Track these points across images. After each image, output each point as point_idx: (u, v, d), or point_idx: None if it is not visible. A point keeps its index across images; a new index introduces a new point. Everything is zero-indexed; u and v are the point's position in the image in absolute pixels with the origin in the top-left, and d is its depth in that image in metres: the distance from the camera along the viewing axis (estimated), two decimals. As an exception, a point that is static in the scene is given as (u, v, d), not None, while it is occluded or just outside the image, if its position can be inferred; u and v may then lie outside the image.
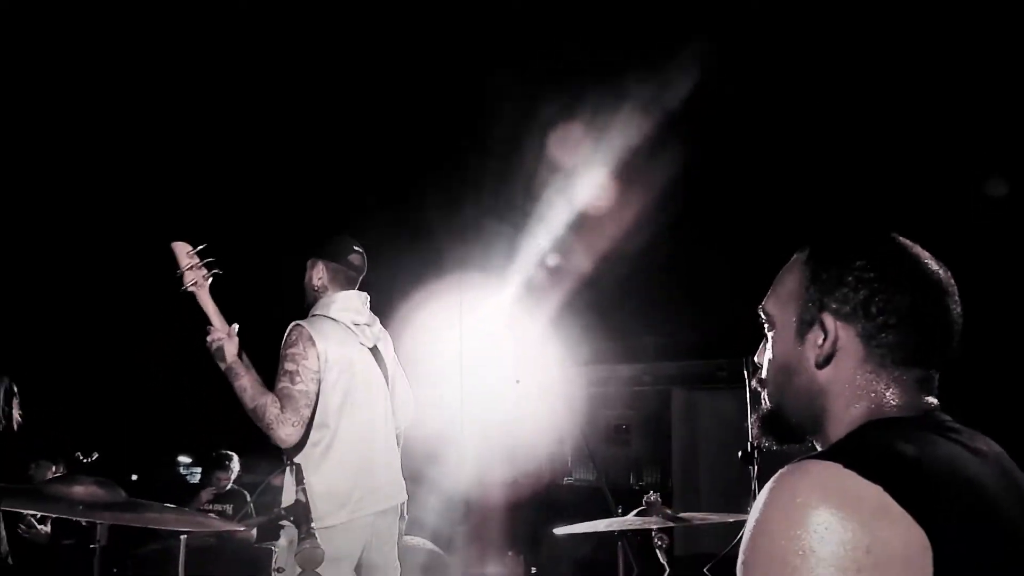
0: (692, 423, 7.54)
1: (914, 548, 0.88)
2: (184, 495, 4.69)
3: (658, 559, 2.59)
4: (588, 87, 5.27)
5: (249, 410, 2.65)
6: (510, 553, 5.44)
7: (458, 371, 6.21)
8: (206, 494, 4.76)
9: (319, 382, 2.74)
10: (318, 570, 2.13)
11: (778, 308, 1.16)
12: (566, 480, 7.90)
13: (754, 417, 1.19)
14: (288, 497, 2.17)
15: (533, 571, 5.43)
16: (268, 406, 2.62)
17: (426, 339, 5.72)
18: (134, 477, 6.20)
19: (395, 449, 3.00)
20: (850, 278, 1.08)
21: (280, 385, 2.67)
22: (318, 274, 2.94)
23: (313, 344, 2.74)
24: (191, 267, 2.75)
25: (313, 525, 2.59)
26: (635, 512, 2.60)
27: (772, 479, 0.95)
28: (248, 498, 4.78)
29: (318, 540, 1.89)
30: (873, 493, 0.90)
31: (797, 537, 0.90)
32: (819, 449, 1.08)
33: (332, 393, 2.76)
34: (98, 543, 1.41)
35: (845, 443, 1.02)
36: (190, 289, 2.76)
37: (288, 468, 2.07)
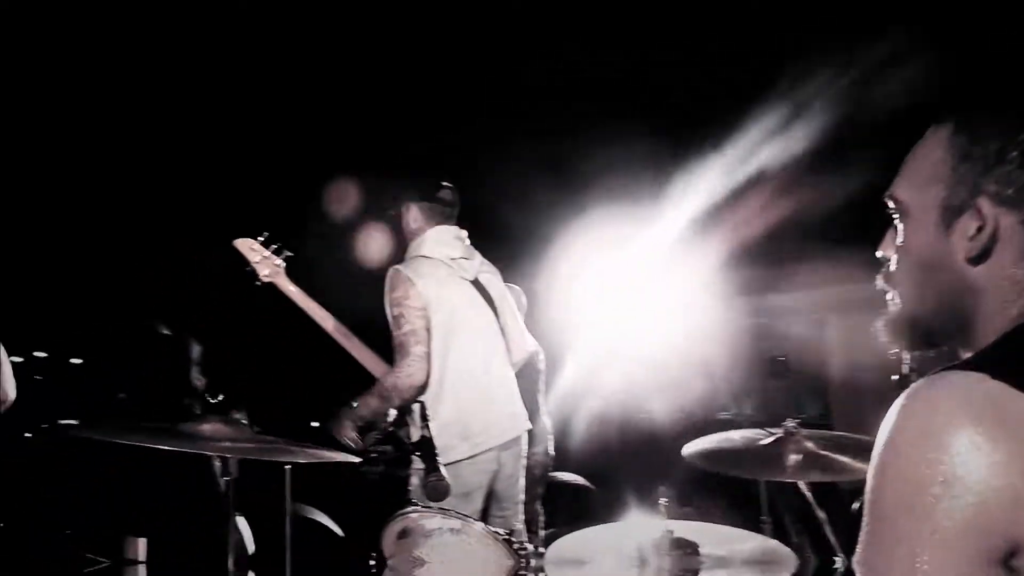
0: (851, 352, 7.13)
1: None
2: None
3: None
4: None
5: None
6: (661, 487, 5.42)
7: (609, 305, 6.19)
8: (369, 438, 5.06)
9: (427, 318, 2.78)
10: (450, 504, 2.22)
11: (914, 193, 0.99)
12: (720, 415, 7.74)
13: (881, 320, 1.03)
14: (414, 434, 2.26)
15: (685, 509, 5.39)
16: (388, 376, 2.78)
17: (577, 272, 5.75)
18: (315, 424, 6.71)
19: (511, 381, 2.99)
20: (1015, 154, 0.91)
21: (396, 334, 2.77)
22: (413, 216, 2.95)
23: (412, 283, 2.78)
24: (261, 260, 2.84)
25: (452, 460, 2.73)
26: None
27: (904, 394, 0.82)
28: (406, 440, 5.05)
29: (443, 473, 1.94)
30: None
31: (937, 462, 0.77)
32: (963, 357, 0.93)
33: (437, 329, 2.80)
34: (231, 476, 1.51)
35: (996, 349, 0.88)
36: (267, 280, 2.86)
37: (415, 407, 2.15)
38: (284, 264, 2.89)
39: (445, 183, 3.02)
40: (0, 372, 2.89)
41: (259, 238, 2.87)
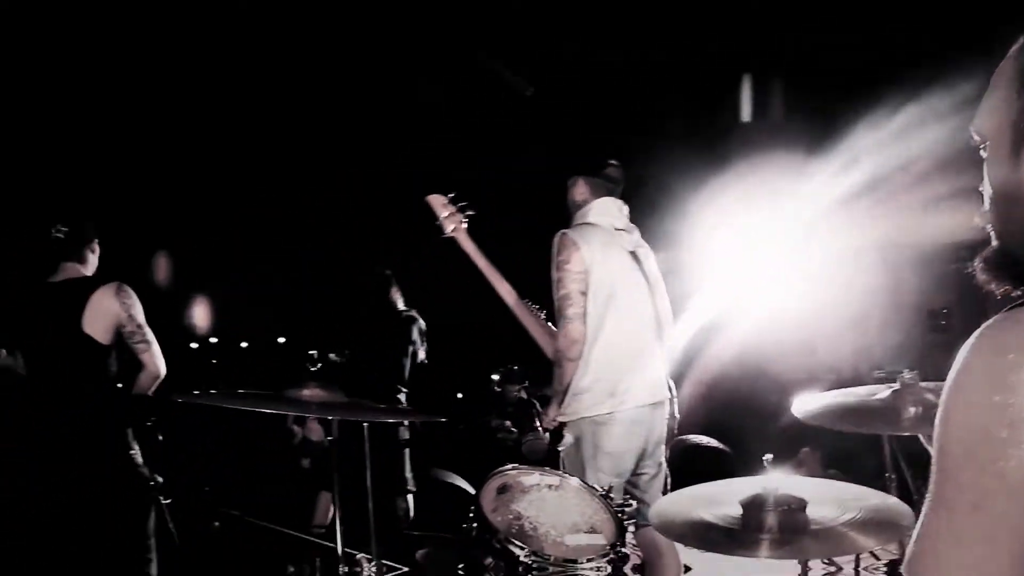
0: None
1: None
2: (493, 407, 5.24)
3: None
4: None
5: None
6: (806, 449, 5.23)
7: (757, 261, 6.02)
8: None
9: (585, 281, 2.93)
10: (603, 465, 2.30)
11: (989, 122, 0.94)
12: (875, 374, 7.31)
13: (978, 259, 0.96)
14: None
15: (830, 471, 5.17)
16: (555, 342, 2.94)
17: (724, 228, 5.63)
18: (459, 395, 7.03)
19: (659, 350, 3.10)
20: None
21: (555, 298, 2.96)
22: (580, 190, 3.12)
23: (576, 247, 2.94)
24: (448, 215, 3.07)
25: (586, 415, 2.86)
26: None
27: (974, 334, 0.79)
28: (538, 406, 5.20)
29: (541, 434, 2.02)
30: None
31: (1003, 404, 0.74)
32: None
33: (597, 290, 2.94)
34: (333, 437, 1.66)
35: None
36: (450, 235, 3.09)
37: (509, 370, 2.24)
38: (466, 222, 3.11)
39: (612, 160, 3.20)
40: (151, 350, 3.23)
41: (450, 195, 3.11)
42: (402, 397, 4.15)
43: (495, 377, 5.33)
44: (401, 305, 4.31)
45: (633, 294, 3.04)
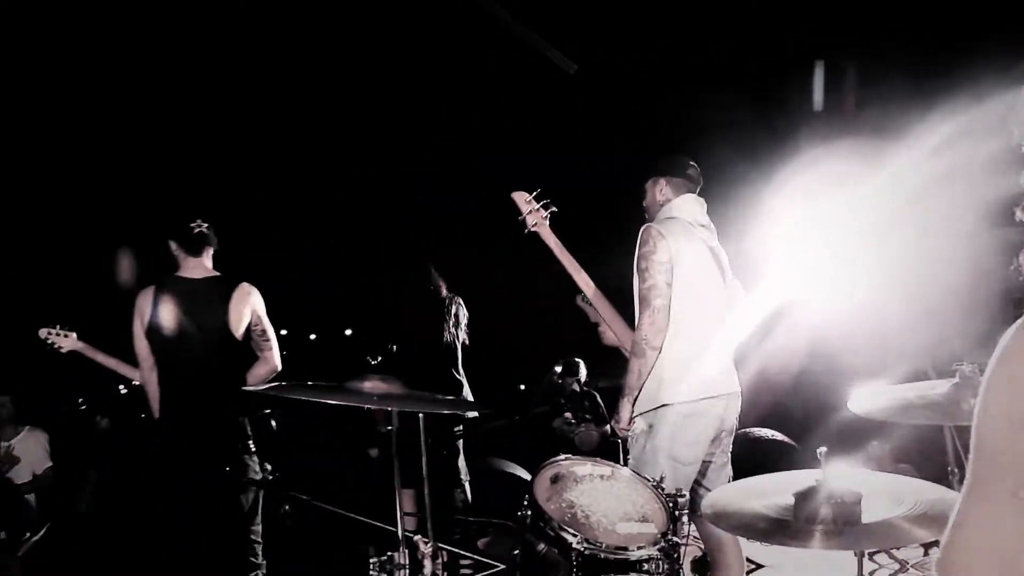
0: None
1: None
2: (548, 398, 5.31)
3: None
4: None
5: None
6: (875, 443, 5.11)
7: (826, 250, 5.90)
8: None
9: (670, 272, 3.00)
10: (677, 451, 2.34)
11: None
12: (955, 366, 7.02)
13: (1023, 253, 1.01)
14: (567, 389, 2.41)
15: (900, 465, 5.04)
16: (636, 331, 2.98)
17: (795, 220, 5.54)
18: (522, 387, 7.11)
19: (731, 344, 3.16)
20: None
21: (637, 288, 3.02)
22: (661, 190, 3.21)
23: (663, 237, 3.01)
24: (531, 211, 3.21)
25: (667, 403, 2.91)
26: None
27: (1015, 324, 0.83)
28: (598, 398, 5.23)
29: (594, 426, 2.07)
30: None
31: None
32: None
33: (680, 282, 3.01)
34: (393, 427, 1.76)
35: None
36: (533, 230, 3.21)
37: (563, 361, 2.30)
38: (549, 218, 3.24)
39: (691, 162, 3.31)
40: (273, 346, 3.50)
41: (533, 193, 3.26)
42: (463, 381, 4.28)
43: (557, 369, 5.41)
44: (444, 292, 4.40)
45: (712, 288, 3.12)
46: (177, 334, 3.36)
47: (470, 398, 4.11)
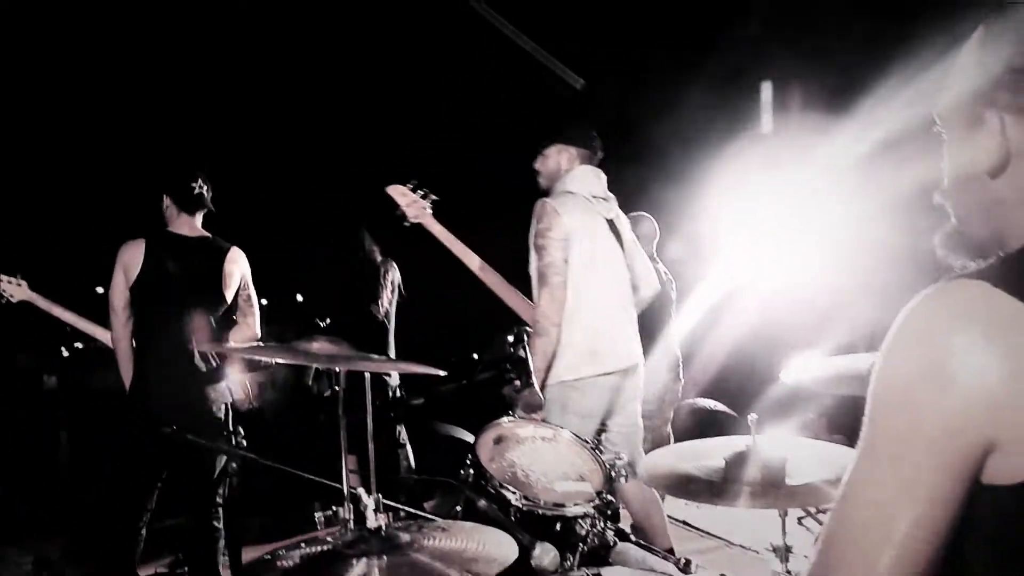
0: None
1: None
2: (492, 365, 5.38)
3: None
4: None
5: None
6: (811, 416, 5.33)
7: (770, 226, 6.04)
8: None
9: (567, 249, 2.97)
10: (570, 424, 2.42)
11: (948, 108, 0.98)
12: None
13: (937, 235, 1.04)
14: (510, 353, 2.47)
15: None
16: (535, 309, 2.94)
17: (741, 195, 5.65)
18: (475, 356, 7.18)
19: (633, 316, 3.19)
20: None
21: (535, 266, 2.97)
22: (564, 159, 3.16)
23: (558, 214, 2.97)
24: (410, 203, 3.13)
25: (576, 377, 2.96)
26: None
27: (911, 301, 0.86)
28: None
29: (537, 390, 2.14)
30: None
31: (931, 364, 0.81)
32: None
33: (576, 258, 3.00)
34: (341, 387, 1.80)
35: (1005, 259, 0.90)
36: (415, 221, 3.14)
37: (515, 330, 2.36)
38: (431, 206, 3.19)
39: (593, 131, 3.26)
40: (255, 312, 3.45)
41: (409, 184, 3.18)
42: (391, 353, 4.31)
43: (509, 338, 5.47)
44: (378, 257, 4.40)
45: (611, 262, 3.11)
46: (170, 293, 3.25)
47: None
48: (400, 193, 3.16)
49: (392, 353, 4.26)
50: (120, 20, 5.40)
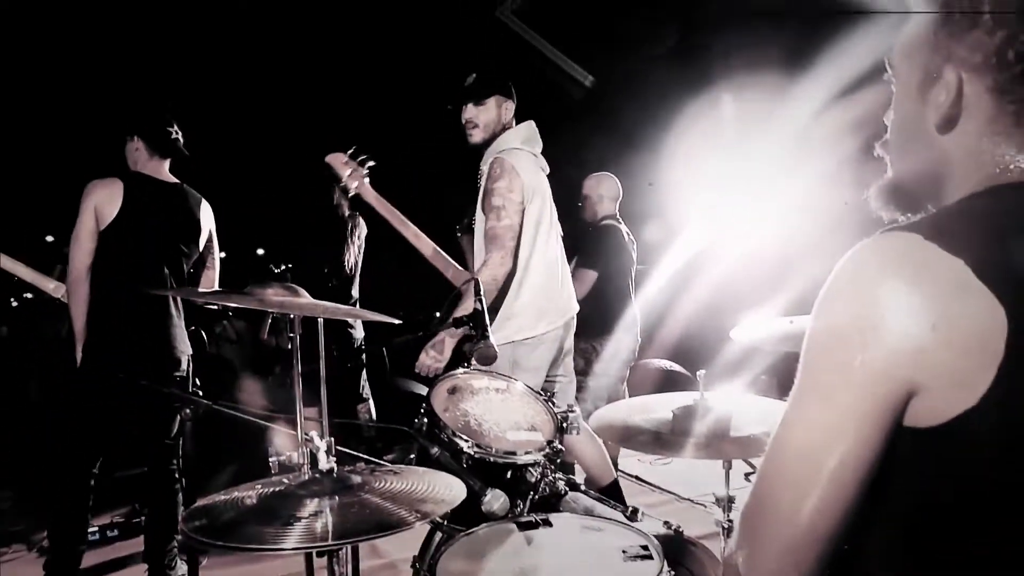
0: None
1: (988, 327, 0.80)
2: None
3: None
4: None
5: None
6: (761, 375, 5.47)
7: (730, 190, 6.09)
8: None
9: (522, 211, 2.95)
10: (523, 377, 2.46)
11: (902, 58, 0.99)
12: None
13: (873, 187, 1.06)
14: (467, 307, 2.49)
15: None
16: (484, 265, 2.88)
17: (695, 158, 5.69)
18: (437, 314, 7.23)
19: (567, 268, 3.23)
20: (986, 18, 0.88)
21: (488, 224, 2.91)
22: (504, 110, 3.09)
23: (518, 175, 2.92)
24: (350, 172, 3.03)
25: (527, 336, 2.98)
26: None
27: (851, 250, 0.89)
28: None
29: (492, 341, 2.17)
30: (952, 266, 0.81)
31: (860, 311, 0.84)
32: None
33: (530, 218, 2.99)
34: (297, 334, 1.81)
35: (938, 213, 0.93)
36: (355, 192, 3.06)
37: (468, 282, 2.37)
38: (368, 174, 3.12)
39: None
40: (216, 263, 3.44)
41: (348, 152, 3.09)
42: (356, 300, 4.32)
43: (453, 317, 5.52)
44: (346, 211, 4.37)
45: (553, 218, 3.13)
46: (150, 237, 3.17)
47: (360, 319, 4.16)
48: (341, 162, 3.07)
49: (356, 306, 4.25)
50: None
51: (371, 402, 4.40)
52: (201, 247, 3.38)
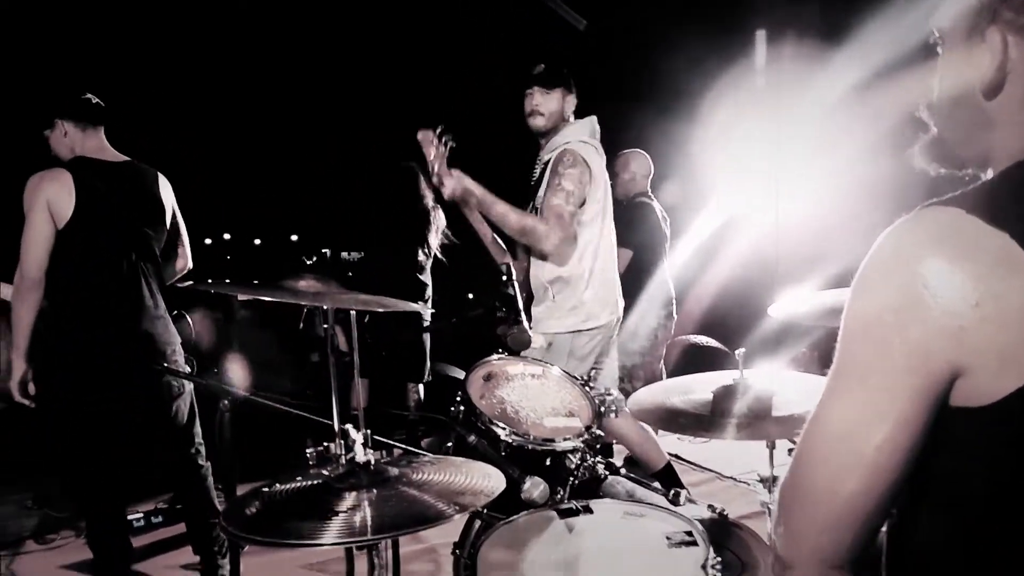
0: None
1: None
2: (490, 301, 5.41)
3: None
4: None
5: (516, 229, 2.91)
6: (802, 350, 5.37)
7: (766, 163, 5.99)
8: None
9: (584, 203, 2.98)
10: (570, 366, 2.43)
11: (948, 21, 0.95)
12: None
13: (917, 145, 1.02)
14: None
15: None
16: (536, 224, 2.89)
17: (738, 131, 5.60)
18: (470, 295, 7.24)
19: (616, 257, 3.24)
20: None
21: (555, 202, 2.91)
22: (568, 104, 3.13)
23: (588, 167, 2.97)
24: (436, 155, 2.93)
25: (593, 326, 2.98)
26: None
27: (889, 227, 0.86)
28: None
29: (526, 326, 2.14)
30: (996, 241, 0.78)
31: (899, 290, 0.81)
32: None
33: (598, 210, 3.04)
34: (330, 324, 1.80)
35: (981, 186, 0.88)
36: (437, 167, 2.93)
37: (503, 267, 2.35)
38: (446, 153, 3.02)
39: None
40: (186, 242, 3.25)
41: (437, 130, 2.96)
42: (428, 292, 4.28)
43: (504, 278, 5.49)
44: (430, 201, 4.27)
45: (611, 211, 3.17)
46: (114, 226, 2.92)
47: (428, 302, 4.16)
48: (428, 139, 2.94)
49: (429, 294, 4.27)
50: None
51: (422, 386, 4.39)
52: (168, 227, 3.12)
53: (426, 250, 4.27)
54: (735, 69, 5.82)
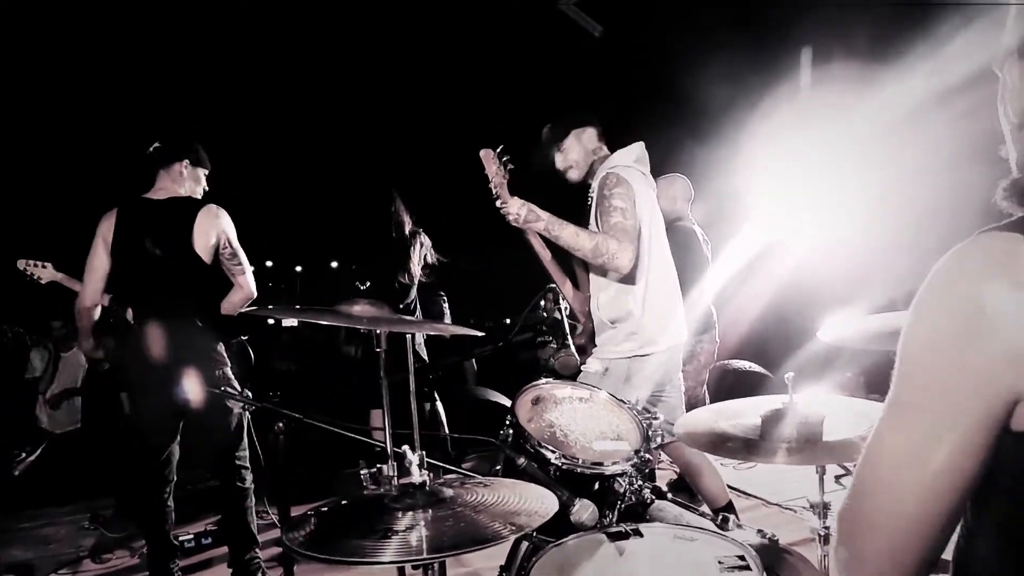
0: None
1: None
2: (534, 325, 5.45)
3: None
4: None
5: (589, 249, 2.88)
6: (849, 375, 5.30)
7: (808, 185, 5.95)
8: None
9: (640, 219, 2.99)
10: (622, 391, 2.44)
11: (1003, 56, 0.96)
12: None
13: (1000, 187, 0.98)
14: (547, 316, 2.49)
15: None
16: (607, 241, 2.86)
17: (779, 152, 5.57)
18: (507, 321, 7.28)
19: (678, 287, 3.22)
20: None
21: (613, 220, 2.90)
22: (586, 137, 3.13)
23: (631, 187, 2.97)
24: (495, 170, 2.99)
25: (649, 352, 2.97)
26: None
27: (948, 252, 0.86)
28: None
29: (572, 351, 2.16)
30: None
31: (958, 318, 0.81)
32: None
33: (649, 238, 3.04)
34: (382, 349, 1.84)
35: None
36: (499, 192, 3.00)
37: (547, 293, 2.37)
38: (507, 177, 3.05)
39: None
40: (246, 271, 3.37)
41: (498, 149, 3.04)
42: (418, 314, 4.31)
43: (542, 303, 5.54)
44: (409, 225, 4.35)
45: (663, 238, 3.15)
46: (141, 259, 3.21)
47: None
48: (489, 158, 2.99)
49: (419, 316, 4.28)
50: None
51: (440, 405, 4.44)
52: (206, 255, 3.27)
53: (406, 277, 4.29)
54: (776, 84, 5.80)
